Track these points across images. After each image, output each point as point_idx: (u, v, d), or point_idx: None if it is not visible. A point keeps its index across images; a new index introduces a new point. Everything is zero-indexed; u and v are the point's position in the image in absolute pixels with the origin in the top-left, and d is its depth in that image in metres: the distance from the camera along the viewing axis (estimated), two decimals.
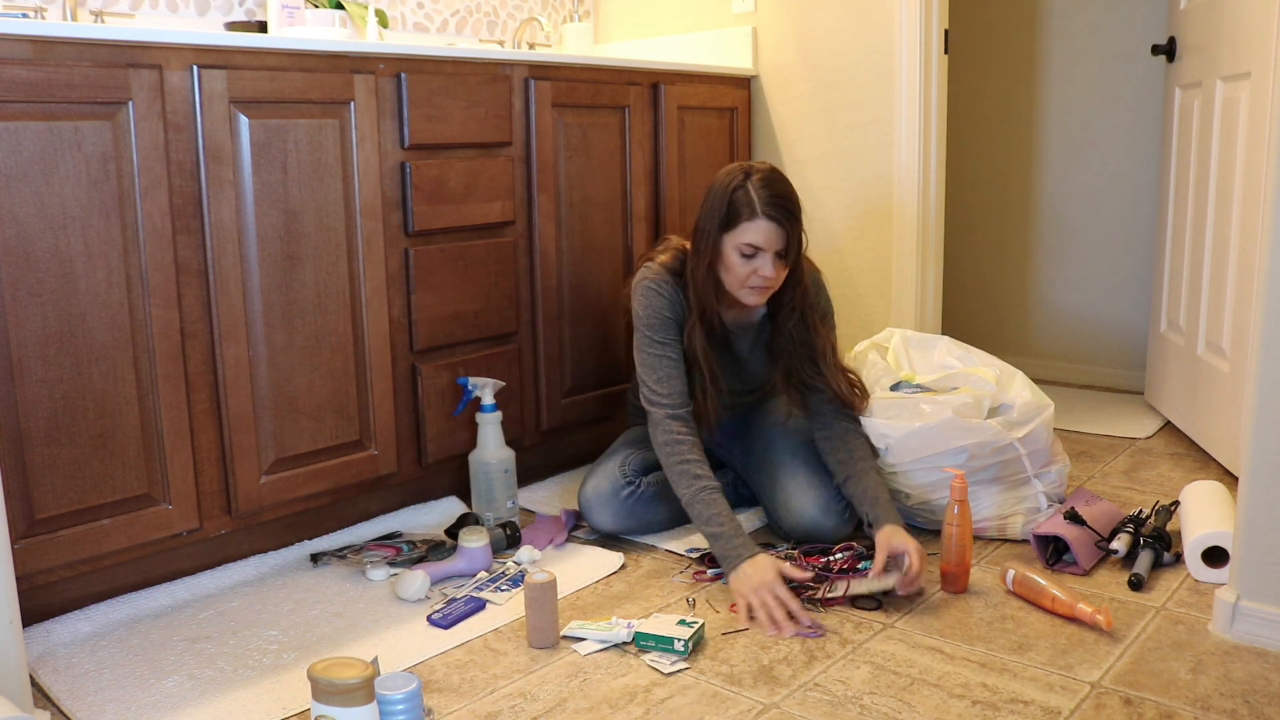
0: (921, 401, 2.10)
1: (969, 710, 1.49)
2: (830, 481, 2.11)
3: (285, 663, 1.67)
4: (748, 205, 1.92)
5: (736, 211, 1.93)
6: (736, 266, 1.96)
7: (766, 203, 1.92)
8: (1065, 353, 3.54)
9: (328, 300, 2.04)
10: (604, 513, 2.13)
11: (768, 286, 1.98)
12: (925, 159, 2.70)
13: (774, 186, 1.94)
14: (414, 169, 2.14)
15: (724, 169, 2.01)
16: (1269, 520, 1.64)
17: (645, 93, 2.64)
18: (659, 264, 2.08)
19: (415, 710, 1.39)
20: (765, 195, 1.92)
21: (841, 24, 2.78)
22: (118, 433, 1.78)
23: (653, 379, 2.02)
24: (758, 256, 1.94)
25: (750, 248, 1.94)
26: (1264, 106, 2.20)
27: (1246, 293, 2.27)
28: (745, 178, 1.95)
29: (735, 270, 1.96)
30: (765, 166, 1.98)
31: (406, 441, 2.22)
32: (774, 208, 1.92)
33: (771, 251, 1.94)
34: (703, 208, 2.00)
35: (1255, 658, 1.62)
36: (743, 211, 1.93)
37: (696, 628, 1.68)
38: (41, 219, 1.66)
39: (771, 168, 1.99)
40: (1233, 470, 2.40)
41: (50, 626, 1.77)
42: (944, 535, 1.88)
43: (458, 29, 3.05)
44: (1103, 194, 3.39)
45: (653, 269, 2.08)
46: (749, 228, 1.93)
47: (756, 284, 1.97)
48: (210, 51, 1.83)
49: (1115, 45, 3.30)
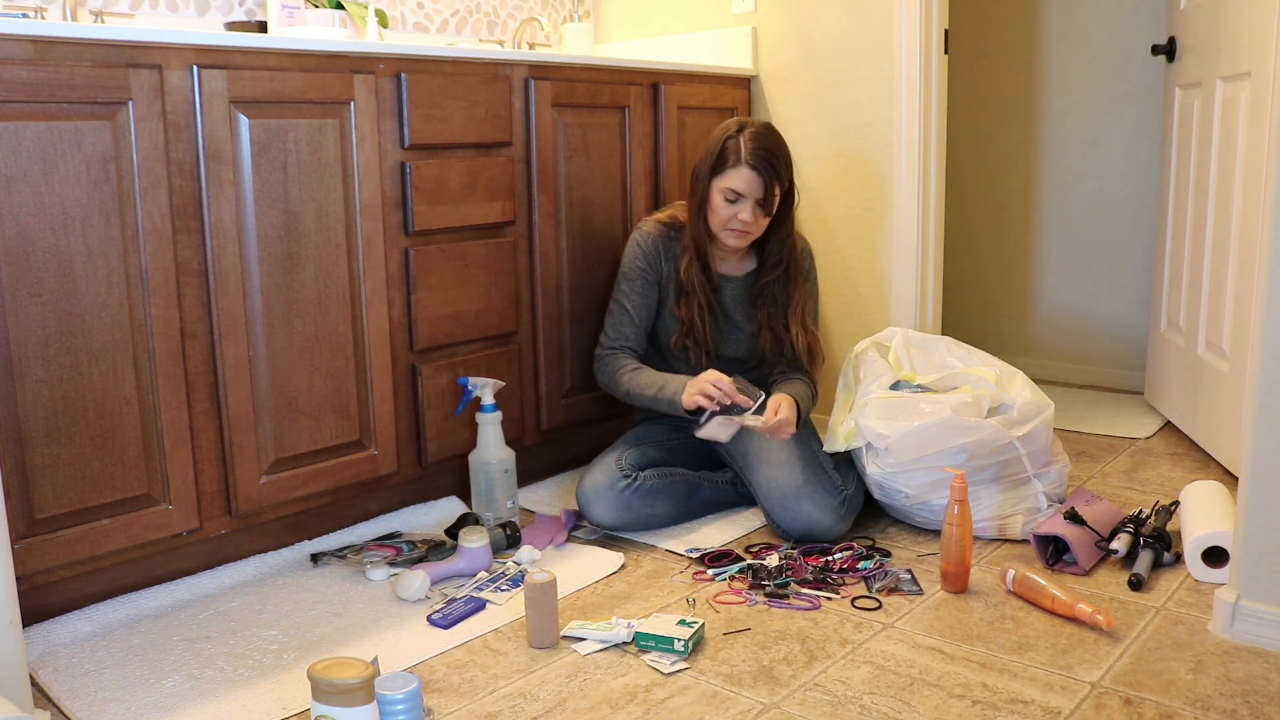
0: (921, 401, 2.10)
1: (969, 710, 1.49)
2: (827, 481, 2.11)
3: (285, 663, 1.67)
4: (735, 153, 2.15)
5: (724, 158, 2.16)
6: (720, 209, 2.18)
7: (752, 153, 2.13)
8: (1065, 353, 3.54)
9: (328, 300, 2.04)
10: (602, 506, 2.14)
11: (746, 231, 2.19)
12: (925, 159, 2.70)
13: (762, 140, 2.15)
14: (414, 169, 2.14)
15: (725, 122, 2.23)
16: (1269, 520, 1.64)
17: (645, 93, 2.64)
18: (653, 220, 2.34)
19: (415, 710, 1.39)
20: (752, 146, 2.14)
21: (841, 24, 2.78)
22: (118, 433, 1.78)
23: (607, 320, 2.32)
24: (739, 202, 2.16)
25: (733, 193, 2.15)
26: (1264, 106, 2.20)
27: (1246, 293, 2.27)
28: (740, 130, 2.17)
29: (719, 212, 2.18)
30: (761, 123, 2.20)
31: (406, 441, 2.22)
32: (758, 159, 2.13)
33: (752, 199, 2.15)
34: (700, 154, 2.23)
35: (1255, 658, 1.62)
36: (729, 158, 2.15)
37: (696, 628, 1.68)
38: (41, 219, 1.66)
39: (767, 124, 2.20)
40: (1233, 470, 2.40)
41: (50, 626, 1.77)
42: (944, 535, 1.88)
43: (458, 29, 3.05)
44: (1103, 194, 3.39)
45: (646, 224, 2.33)
46: (733, 174, 2.14)
47: (736, 227, 2.18)
48: (210, 51, 1.83)
49: (1115, 45, 3.30)
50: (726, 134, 2.17)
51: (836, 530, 2.10)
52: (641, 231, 2.31)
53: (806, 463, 2.15)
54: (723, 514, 2.29)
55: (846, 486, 2.14)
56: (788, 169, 2.18)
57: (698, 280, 2.24)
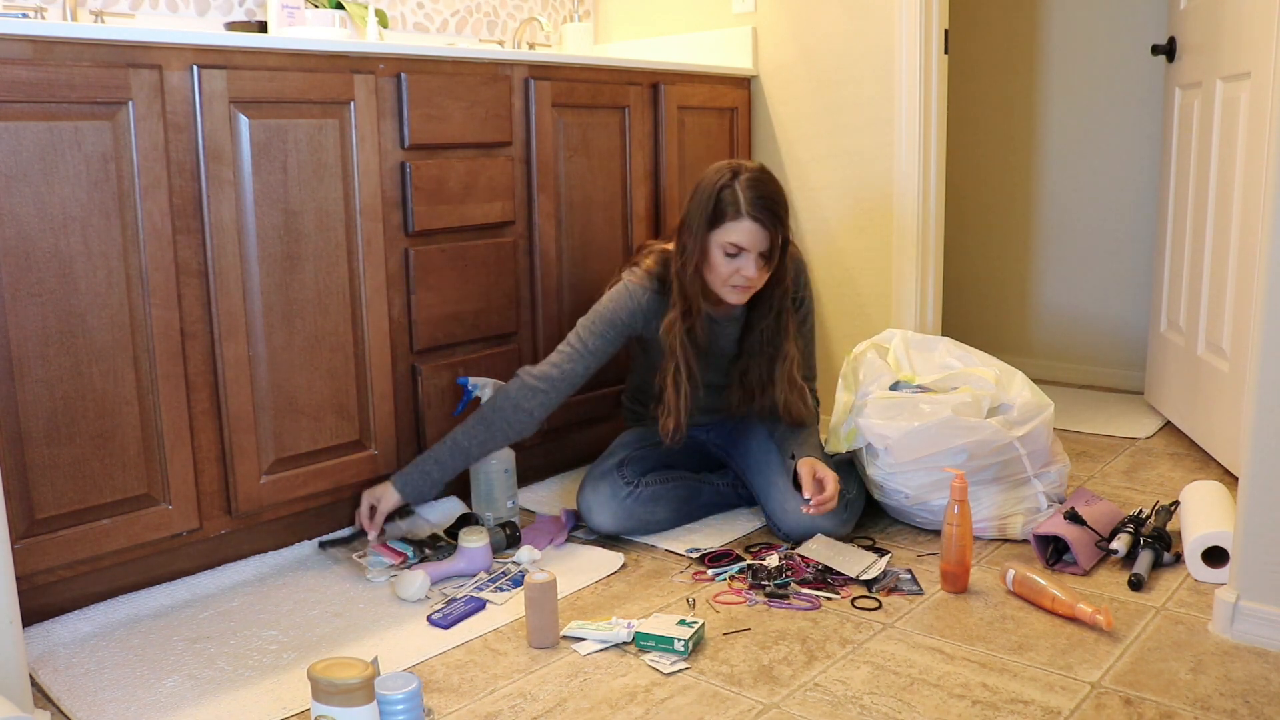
0: (921, 401, 2.10)
1: (969, 710, 1.49)
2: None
3: (285, 663, 1.67)
4: (734, 205, 1.94)
5: (722, 211, 1.95)
6: (720, 265, 1.98)
7: (752, 204, 1.94)
8: (1065, 353, 3.54)
9: (328, 300, 2.04)
10: (604, 514, 2.14)
11: (749, 286, 2.01)
12: (925, 159, 2.70)
13: (760, 187, 1.96)
14: (414, 169, 2.14)
15: (713, 166, 2.04)
16: (1269, 520, 1.64)
17: (645, 93, 2.64)
18: (644, 269, 2.11)
19: (415, 710, 1.39)
20: (751, 196, 1.94)
21: (841, 24, 2.78)
22: (118, 433, 1.78)
23: (567, 351, 2.08)
24: (741, 256, 1.97)
25: (734, 247, 1.96)
26: (1264, 106, 2.19)
27: (1246, 293, 2.27)
28: (733, 177, 1.96)
29: (719, 269, 1.99)
30: (754, 166, 2.00)
31: (406, 441, 2.22)
32: (759, 209, 1.94)
33: (755, 252, 1.96)
34: (690, 203, 2.02)
35: (1255, 658, 1.62)
36: (728, 211, 1.95)
37: (696, 628, 1.68)
38: (41, 219, 1.66)
39: (760, 167, 2.01)
40: (1233, 470, 2.40)
41: (50, 626, 1.77)
42: (944, 535, 1.88)
43: (458, 29, 3.05)
44: (1103, 194, 3.39)
45: (638, 274, 2.10)
46: (734, 228, 1.95)
47: (739, 283, 1.99)
48: (210, 51, 1.83)
49: (1115, 45, 3.30)
50: (720, 182, 1.96)
51: (839, 533, 2.09)
52: (636, 286, 2.08)
53: None
54: (723, 514, 2.29)
55: (848, 490, 2.14)
56: (787, 215, 2.00)
57: (680, 342, 2.04)
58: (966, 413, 2.07)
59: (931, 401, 2.09)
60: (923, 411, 2.07)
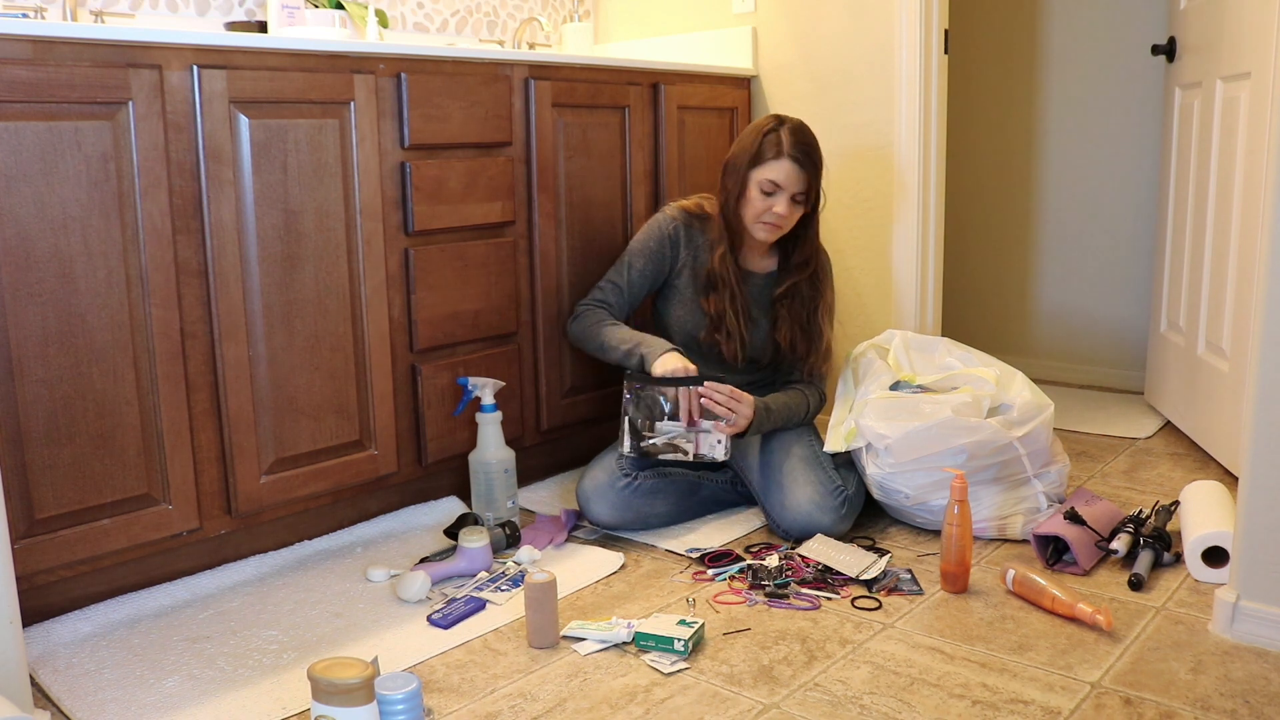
0: (921, 402, 2.10)
1: (969, 710, 1.49)
2: (827, 480, 2.12)
3: (285, 663, 1.67)
4: (775, 146, 2.16)
5: (764, 150, 2.16)
6: (756, 200, 2.17)
7: (793, 146, 2.16)
8: (1065, 353, 3.54)
9: (328, 300, 2.04)
10: (601, 504, 2.14)
11: (779, 225, 2.19)
12: (925, 159, 2.70)
13: (801, 135, 2.18)
14: (414, 169, 2.14)
15: (759, 118, 2.28)
16: (1269, 520, 1.64)
17: (645, 93, 2.64)
18: (677, 205, 2.32)
19: (415, 710, 1.39)
20: (792, 140, 2.16)
21: (841, 24, 2.78)
22: (118, 433, 1.78)
23: (604, 283, 2.31)
24: (776, 194, 2.16)
25: (771, 184, 2.16)
26: (1264, 106, 2.19)
27: (1246, 293, 2.27)
28: (779, 124, 2.19)
29: (754, 204, 2.18)
30: (796, 120, 2.21)
31: (406, 441, 2.22)
32: (799, 151, 2.16)
33: (790, 191, 2.16)
34: (735, 146, 2.24)
35: (1255, 658, 1.62)
36: (769, 150, 2.16)
37: (696, 628, 1.68)
38: (41, 219, 1.66)
39: (801, 122, 2.22)
40: (1233, 470, 2.40)
41: (50, 626, 1.77)
42: (944, 535, 1.88)
43: (458, 29, 3.05)
44: (1103, 194, 3.39)
45: (670, 209, 2.31)
46: (773, 165, 2.15)
47: (770, 220, 2.18)
48: (210, 51, 1.83)
49: (1115, 45, 3.30)
50: (765, 128, 2.18)
51: (837, 530, 2.10)
52: (665, 214, 2.30)
53: (807, 463, 2.15)
54: (722, 514, 2.29)
55: (847, 486, 2.14)
56: (822, 165, 2.21)
57: (732, 272, 2.23)
58: (966, 413, 2.07)
59: (931, 402, 2.09)
60: (923, 412, 2.07)
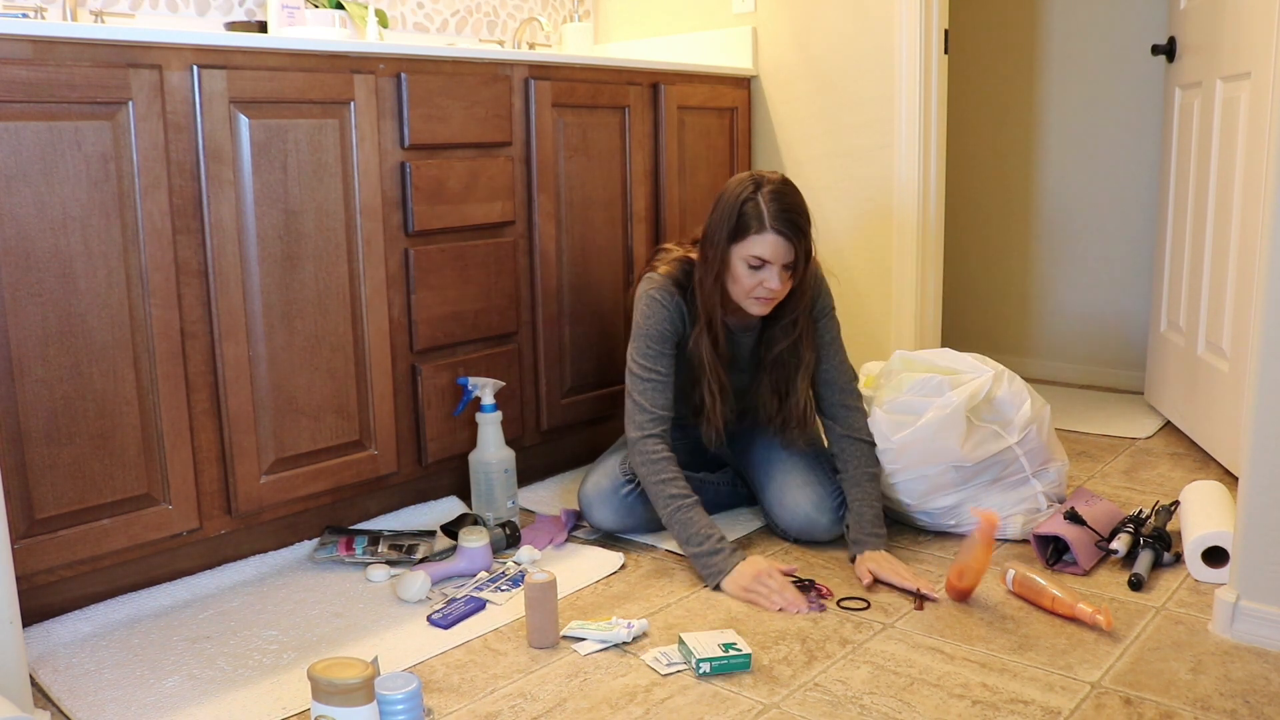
0: (919, 404, 2.10)
1: (969, 710, 1.49)
2: (826, 480, 2.12)
3: (285, 663, 1.67)
4: (757, 218, 1.92)
5: (746, 224, 1.93)
6: (743, 278, 1.96)
7: (775, 217, 1.91)
8: (1065, 353, 3.54)
9: (328, 300, 2.04)
10: (604, 510, 2.14)
11: (772, 298, 1.98)
12: (925, 159, 2.70)
13: (784, 200, 1.93)
14: (414, 169, 2.14)
15: (735, 178, 2.01)
16: (1269, 520, 1.64)
17: (645, 93, 2.64)
18: (662, 274, 2.07)
19: (415, 710, 1.39)
20: (775, 209, 1.92)
21: (841, 24, 2.78)
22: (118, 433, 1.78)
23: (638, 390, 2.04)
24: (764, 269, 1.94)
25: (758, 260, 1.93)
26: (1264, 106, 2.19)
27: (1246, 293, 2.27)
28: (756, 189, 1.94)
29: (742, 281, 1.96)
30: (777, 178, 1.96)
31: (406, 441, 2.22)
32: (783, 222, 1.91)
33: (779, 265, 1.94)
34: (712, 216, 2.00)
35: (1255, 658, 1.62)
36: (751, 224, 1.92)
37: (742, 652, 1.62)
38: (41, 219, 1.66)
39: (783, 179, 1.98)
40: (1233, 470, 2.40)
41: (50, 626, 1.77)
42: (959, 560, 1.83)
43: (458, 29, 3.05)
44: (1103, 194, 3.39)
45: (656, 280, 2.07)
46: (757, 241, 1.92)
47: (762, 295, 1.97)
48: (210, 51, 1.83)
49: (1115, 45, 3.30)
50: (743, 194, 1.94)
51: (835, 531, 2.09)
52: (659, 290, 2.05)
53: (807, 462, 2.15)
54: (723, 514, 2.29)
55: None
56: (809, 227, 1.97)
57: (707, 357, 2.04)
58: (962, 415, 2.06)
59: (929, 401, 2.09)
60: (922, 413, 2.07)
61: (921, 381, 2.13)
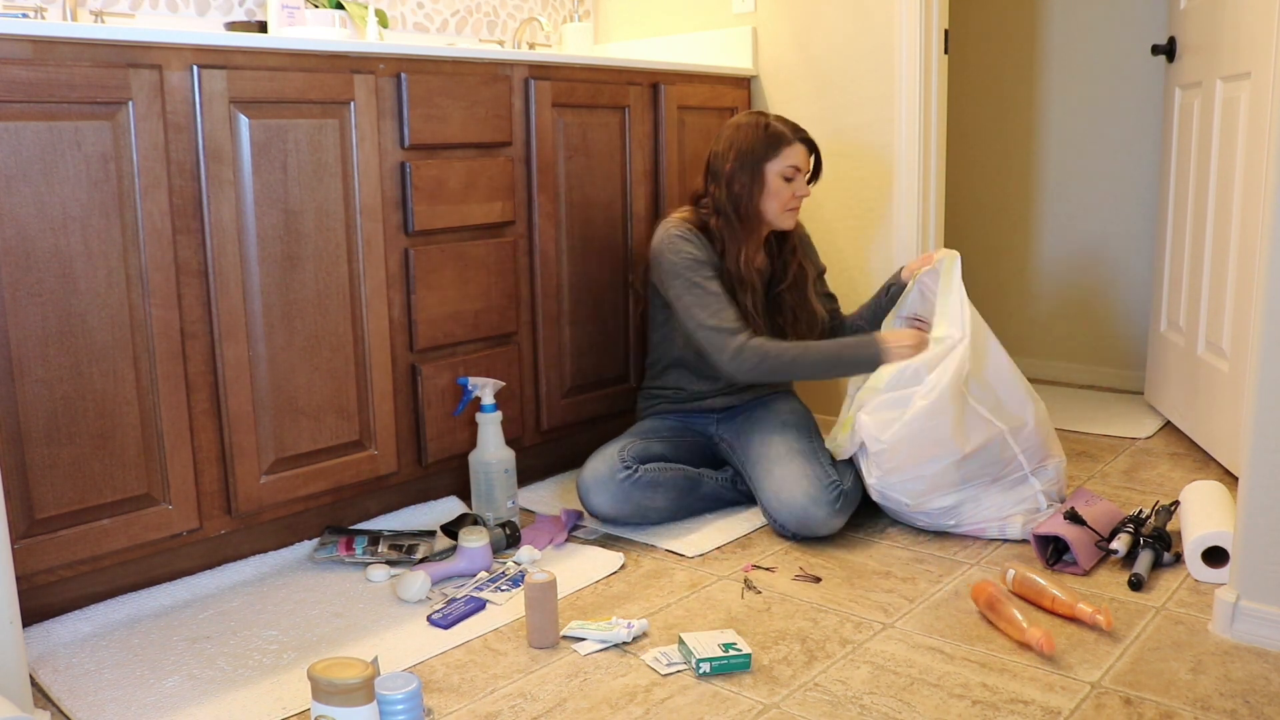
0: (912, 396, 2.08)
1: (969, 710, 1.49)
2: (822, 474, 2.12)
3: (285, 663, 1.67)
4: (781, 134, 2.21)
5: (777, 139, 2.21)
6: (780, 191, 2.22)
7: (795, 129, 2.23)
8: (1065, 353, 3.54)
9: (328, 300, 2.04)
10: (601, 495, 2.14)
11: (800, 206, 2.26)
12: (925, 159, 2.70)
13: (788, 119, 2.26)
14: (414, 169, 2.14)
15: (734, 119, 2.27)
16: (1269, 520, 1.64)
17: (645, 93, 2.64)
18: (678, 218, 2.27)
19: (415, 710, 1.39)
20: (791, 124, 2.24)
21: (841, 24, 2.78)
22: (118, 433, 1.78)
23: (709, 312, 2.16)
24: (796, 178, 2.23)
25: (793, 170, 2.21)
26: (1264, 106, 2.19)
27: (1246, 293, 2.27)
28: (764, 115, 2.24)
29: (779, 195, 2.22)
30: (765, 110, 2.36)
31: (406, 441, 2.22)
32: (800, 132, 2.24)
33: (805, 171, 2.25)
34: (732, 149, 2.22)
35: (1255, 658, 1.62)
36: (779, 139, 2.20)
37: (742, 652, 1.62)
38: (41, 219, 1.66)
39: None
40: (1233, 470, 2.40)
41: (50, 626, 1.77)
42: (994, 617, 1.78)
43: (458, 29, 3.05)
44: (1102, 194, 3.39)
45: (673, 221, 2.26)
46: (790, 152, 2.21)
47: (794, 205, 2.24)
48: (210, 51, 1.83)
49: (1115, 45, 3.30)
50: (760, 121, 2.22)
51: (831, 524, 2.10)
52: (681, 230, 2.23)
53: (804, 457, 2.16)
54: (722, 513, 2.29)
55: (843, 481, 2.14)
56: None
57: (758, 272, 2.26)
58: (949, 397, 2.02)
59: (912, 394, 2.07)
60: (907, 407, 2.06)
61: (896, 374, 2.11)
